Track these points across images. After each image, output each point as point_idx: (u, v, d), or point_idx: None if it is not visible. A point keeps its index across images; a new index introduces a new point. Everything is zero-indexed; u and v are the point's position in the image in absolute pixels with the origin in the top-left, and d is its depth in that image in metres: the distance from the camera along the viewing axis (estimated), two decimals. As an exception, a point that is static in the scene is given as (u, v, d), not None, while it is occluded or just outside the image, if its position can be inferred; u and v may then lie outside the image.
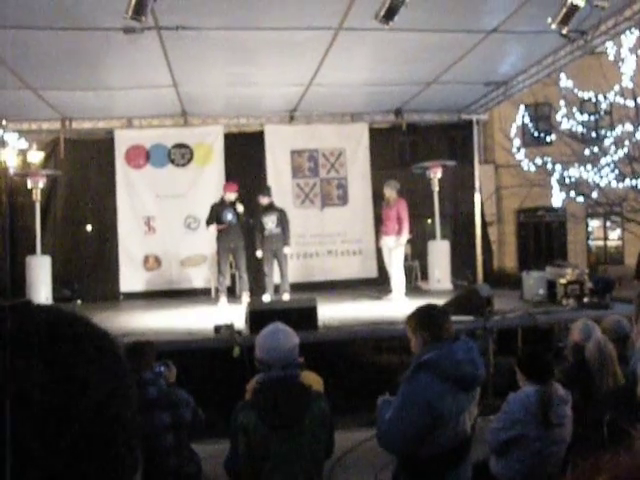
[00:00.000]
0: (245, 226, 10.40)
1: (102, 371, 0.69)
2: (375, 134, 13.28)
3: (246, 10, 7.52)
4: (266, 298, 10.09)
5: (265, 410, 3.10)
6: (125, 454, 0.69)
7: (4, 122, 11.68)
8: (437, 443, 3.27)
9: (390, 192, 10.50)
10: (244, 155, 12.80)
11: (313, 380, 3.73)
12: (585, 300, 8.87)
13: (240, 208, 10.23)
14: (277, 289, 10.47)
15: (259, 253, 10.35)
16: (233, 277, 10.96)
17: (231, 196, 10.28)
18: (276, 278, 10.51)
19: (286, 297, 10.07)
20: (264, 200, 10.43)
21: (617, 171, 15.30)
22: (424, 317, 3.46)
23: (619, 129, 15.52)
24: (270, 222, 10.26)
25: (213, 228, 10.36)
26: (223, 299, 10.30)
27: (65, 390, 0.64)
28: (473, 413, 3.41)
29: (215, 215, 10.29)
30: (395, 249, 10.38)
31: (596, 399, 4.14)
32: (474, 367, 3.31)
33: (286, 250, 10.39)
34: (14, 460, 0.60)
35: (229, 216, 10.16)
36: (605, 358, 4.25)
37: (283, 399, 3.12)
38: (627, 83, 14.93)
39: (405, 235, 10.33)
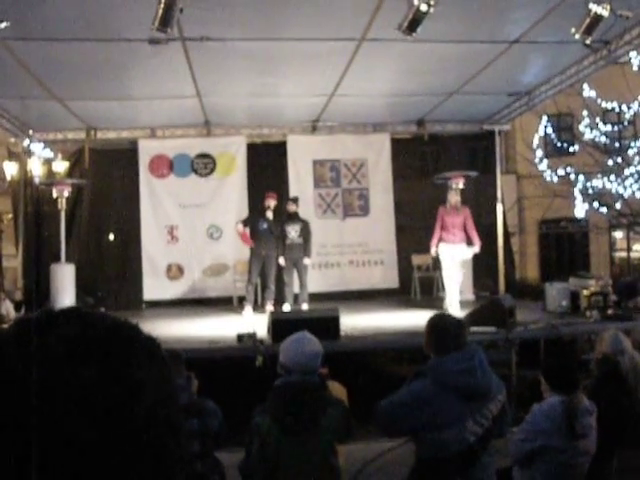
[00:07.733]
0: (275, 235, 10.40)
1: (154, 374, 0.71)
2: (397, 144, 13.26)
3: (270, 21, 7.59)
4: (286, 308, 10.11)
5: (279, 413, 3.10)
6: (177, 456, 0.71)
7: (30, 132, 11.85)
8: (437, 446, 3.27)
9: (456, 197, 10.01)
10: (266, 165, 12.88)
11: (338, 390, 3.74)
12: (609, 312, 8.77)
13: (269, 214, 10.31)
14: (296, 299, 10.49)
15: (282, 260, 10.36)
16: (255, 286, 10.98)
17: (265, 204, 10.38)
18: (295, 288, 10.54)
19: (305, 307, 10.08)
20: (292, 207, 10.49)
21: (641, 182, 15.11)
22: (435, 325, 3.50)
23: (643, 139, 15.36)
24: (293, 231, 10.29)
25: (240, 227, 10.48)
26: (248, 308, 10.30)
27: (122, 392, 0.66)
28: (480, 423, 3.29)
29: (251, 221, 10.45)
30: (461, 258, 9.76)
31: (627, 413, 4.07)
32: (471, 377, 3.24)
33: (306, 261, 10.41)
34: (74, 457, 0.62)
35: (264, 225, 10.27)
36: (638, 372, 4.17)
37: (298, 404, 3.12)
38: (651, 93, 14.79)
39: (479, 244, 9.76)
